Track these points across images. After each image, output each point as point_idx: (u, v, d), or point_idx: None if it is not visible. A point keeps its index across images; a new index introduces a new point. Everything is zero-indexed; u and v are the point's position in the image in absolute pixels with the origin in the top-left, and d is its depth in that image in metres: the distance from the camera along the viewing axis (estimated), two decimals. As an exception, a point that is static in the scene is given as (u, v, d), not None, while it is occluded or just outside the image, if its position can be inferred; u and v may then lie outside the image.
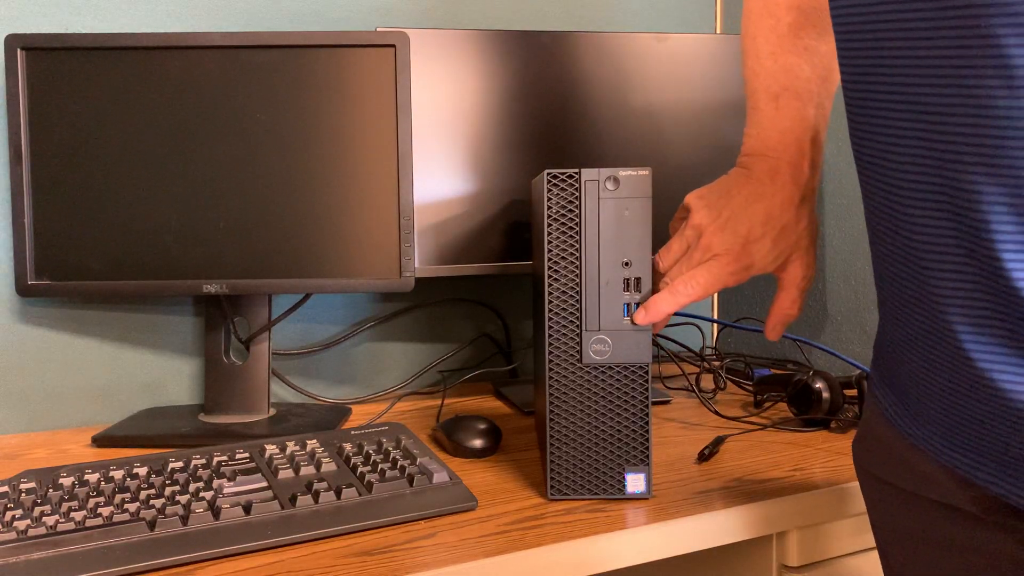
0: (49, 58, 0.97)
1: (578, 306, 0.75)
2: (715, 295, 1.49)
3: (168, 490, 0.73)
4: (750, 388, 1.17)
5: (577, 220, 0.74)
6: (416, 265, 1.06)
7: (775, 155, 0.73)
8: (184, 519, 0.68)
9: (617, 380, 0.75)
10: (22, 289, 0.98)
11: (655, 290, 0.75)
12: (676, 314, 1.26)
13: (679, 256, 0.75)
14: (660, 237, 0.79)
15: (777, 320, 0.76)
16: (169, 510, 0.69)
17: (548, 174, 0.75)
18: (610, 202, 0.74)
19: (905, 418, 0.57)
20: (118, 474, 0.76)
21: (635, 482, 0.76)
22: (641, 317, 0.74)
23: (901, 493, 0.58)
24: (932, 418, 0.54)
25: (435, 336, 1.27)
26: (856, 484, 0.80)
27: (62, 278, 0.99)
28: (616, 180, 0.74)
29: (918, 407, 0.55)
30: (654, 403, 1.12)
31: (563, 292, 0.75)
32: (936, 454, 0.54)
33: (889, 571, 0.62)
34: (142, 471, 0.77)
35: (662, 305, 0.73)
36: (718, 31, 1.46)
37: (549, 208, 0.75)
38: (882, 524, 0.61)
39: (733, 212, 0.72)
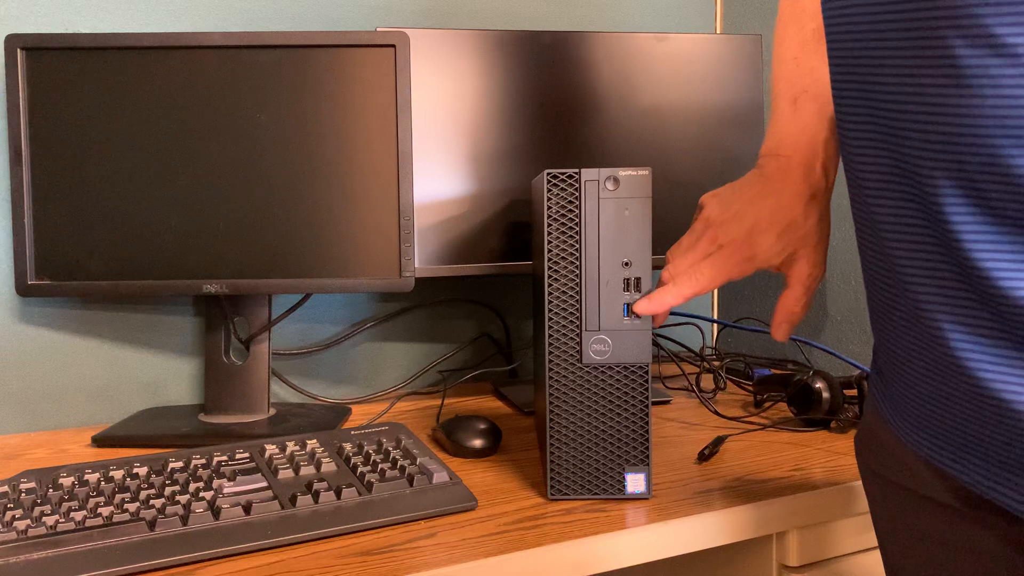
0: (49, 58, 0.97)
1: (578, 306, 0.75)
2: (715, 295, 1.49)
3: (168, 490, 0.73)
4: (750, 388, 1.17)
5: (577, 220, 0.74)
6: (416, 265, 1.06)
7: (788, 154, 0.73)
8: (184, 519, 0.68)
9: (617, 380, 0.75)
10: (22, 289, 0.98)
11: (659, 285, 0.75)
12: (676, 313, 1.26)
13: (686, 250, 0.75)
14: (660, 237, 0.79)
15: (782, 318, 0.76)
16: (169, 510, 0.69)
17: (548, 174, 0.75)
18: (610, 202, 0.74)
19: (890, 409, 0.58)
20: (118, 474, 0.76)
21: (635, 482, 0.76)
22: (643, 307, 0.74)
23: (895, 487, 0.59)
24: (909, 408, 0.55)
25: (435, 336, 1.27)
26: (855, 484, 0.80)
27: (62, 278, 0.99)
28: (616, 180, 0.74)
29: (899, 398, 0.56)
30: (654, 403, 1.12)
31: (563, 292, 0.75)
32: (913, 444, 0.55)
33: (888, 566, 0.63)
34: (142, 471, 0.77)
35: (666, 297, 0.73)
36: (718, 31, 1.46)
37: (549, 208, 0.75)
38: (880, 519, 0.62)
39: (742, 206, 0.73)
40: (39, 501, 0.72)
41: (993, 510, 0.52)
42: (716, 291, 1.49)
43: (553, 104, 1.11)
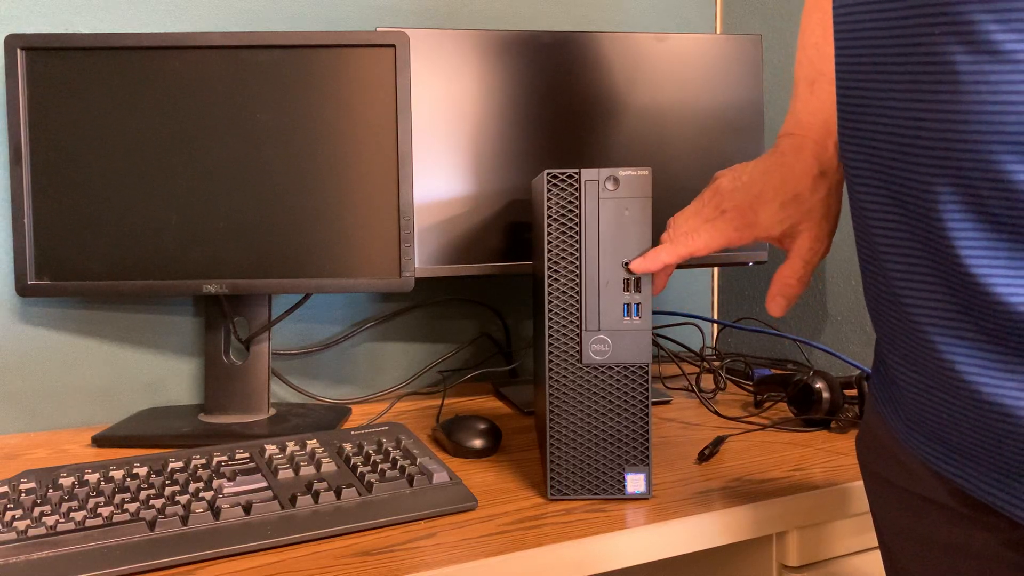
0: (49, 58, 0.97)
1: (578, 306, 0.75)
2: (715, 295, 1.49)
3: (168, 490, 0.73)
4: (750, 388, 1.17)
5: (577, 220, 0.74)
6: (416, 265, 1.06)
7: (801, 133, 0.74)
8: (184, 519, 0.68)
9: (617, 380, 0.75)
10: (22, 289, 0.98)
11: (657, 244, 0.76)
12: (676, 313, 1.26)
13: (690, 214, 0.75)
14: (660, 237, 0.79)
15: (776, 291, 0.75)
16: (169, 510, 0.69)
17: (548, 174, 0.75)
18: (610, 202, 0.74)
19: (891, 413, 0.58)
20: (118, 474, 0.76)
21: (635, 482, 0.76)
22: (638, 265, 0.74)
23: (896, 489, 0.59)
24: (909, 412, 0.55)
25: (435, 336, 1.27)
26: (856, 484, 0.80)
27: (62, 278, 0.99)
28: (616, 180, 0.74)
29: (899, 401, 0.56)
30: (654, 403, 1.12)
31: (563, 292, 0.75)
32: (913, 447, 0.55)
33: (889, 567, 0.63)
34: (142, 471, 0.77)
35: (661, 255, 0.74)
36: (718, 31, 1.46)
37: (549, 208, 0.75)
38: (881, 520, 0.62)
39: (752, 177, 0.74)
40: (39, 501, 0.72)
41: (994, 512, 0.52)
42: (716, 291, 1.49)
43: (553, 104, 1.11)
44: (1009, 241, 0.44)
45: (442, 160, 1.08)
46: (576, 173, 0.74)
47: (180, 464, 0.78)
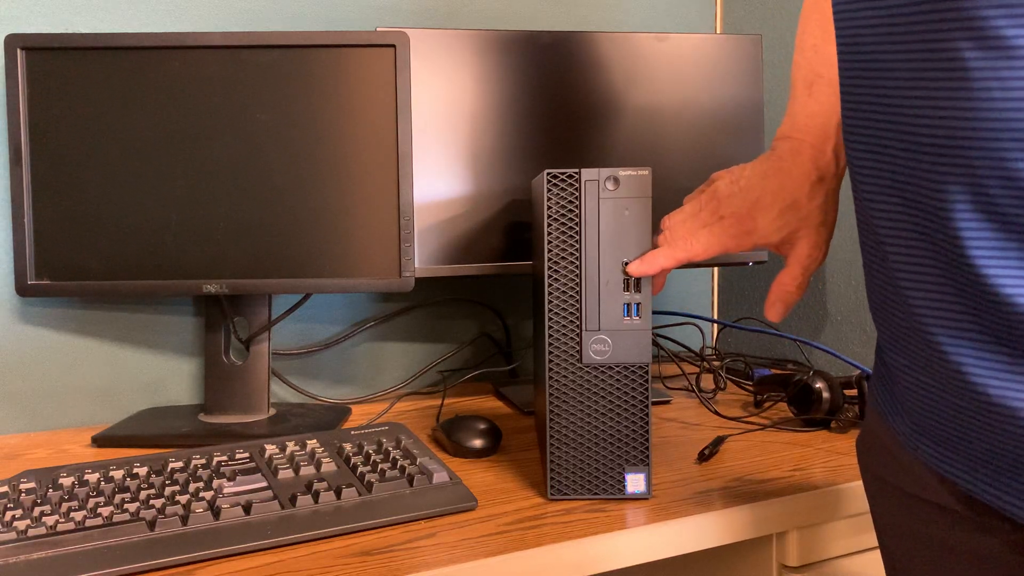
0: (49, 58, 0.97)
1: (578, 306, 0.75)
2: (715, 295, 1.49)
3: (168, 490, 0.73)
4: (750, 388, 1.17)
5: (577, 220, 0.74)
6: (416, 265, 1.06)
7: (799, 136, 0.74)
8: (184, 519, 0.68)
9: (617, 380, 0.75)
10: (22, 289, 0.98)
11: (654, 247, 0.75)
12: (676, 313, 1.26)
13: (687, 217, 0.75)
14: (656, 239, 0.79)
15: (776, 297, 0.76)
16: (169, 510, 0.69)
17: (548, 174, 0.75)
18: (610, 202, 0.74)
19: (893, 414, 0.58)
20: (118, 474, 0.76)
21: (635, 482, 0.76)
22: (635, 268, 0.74)
23: (898, 491, 0.59)
24: (913, 415, 0.55)
25: (435, 336, 1.27)
26: (855, 484, 0.80)
27: (62, 278, 0.99)
28: (616, 180, 0.74)
29: (902, 403, 0.56)
30: (654, 403, 1.12)
31: (563, 292, 0.75)
32: (916, 450, 0.55)
33: (889, 568, 0.62)
34: (142, 471, 0.77)
35: (658, 259, 0.74)
36: (718, 31, 1.46)
37: (549, 208, 0.75)
38: (881, 521, 0.62)
39: (749, 182, 0.73)
40: (39, 501, 0.72)
41: (997, 515, 0.52)
42: (716, 291, 1.49)
43: (553, 104, 1.11)
44: (1019, 240, 0.43)
45: (442, 160, 1.08)
46: (576, 173, 0.74)
47: (180, 464, 0.79)
